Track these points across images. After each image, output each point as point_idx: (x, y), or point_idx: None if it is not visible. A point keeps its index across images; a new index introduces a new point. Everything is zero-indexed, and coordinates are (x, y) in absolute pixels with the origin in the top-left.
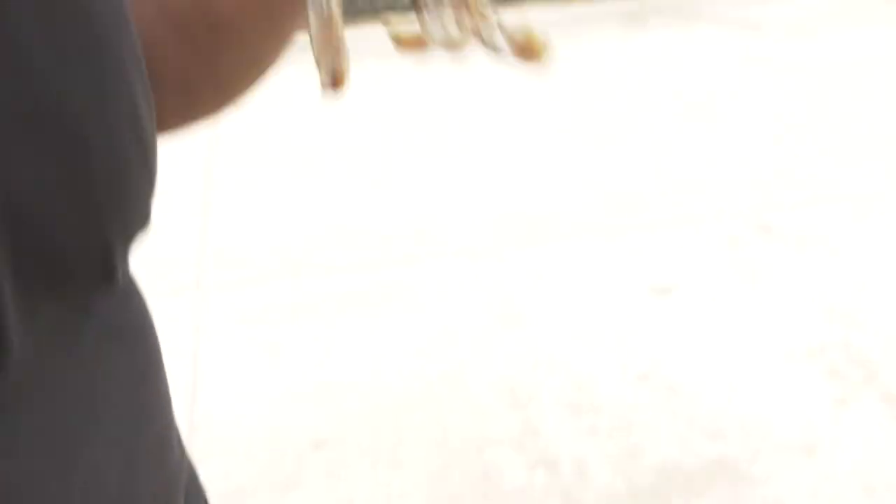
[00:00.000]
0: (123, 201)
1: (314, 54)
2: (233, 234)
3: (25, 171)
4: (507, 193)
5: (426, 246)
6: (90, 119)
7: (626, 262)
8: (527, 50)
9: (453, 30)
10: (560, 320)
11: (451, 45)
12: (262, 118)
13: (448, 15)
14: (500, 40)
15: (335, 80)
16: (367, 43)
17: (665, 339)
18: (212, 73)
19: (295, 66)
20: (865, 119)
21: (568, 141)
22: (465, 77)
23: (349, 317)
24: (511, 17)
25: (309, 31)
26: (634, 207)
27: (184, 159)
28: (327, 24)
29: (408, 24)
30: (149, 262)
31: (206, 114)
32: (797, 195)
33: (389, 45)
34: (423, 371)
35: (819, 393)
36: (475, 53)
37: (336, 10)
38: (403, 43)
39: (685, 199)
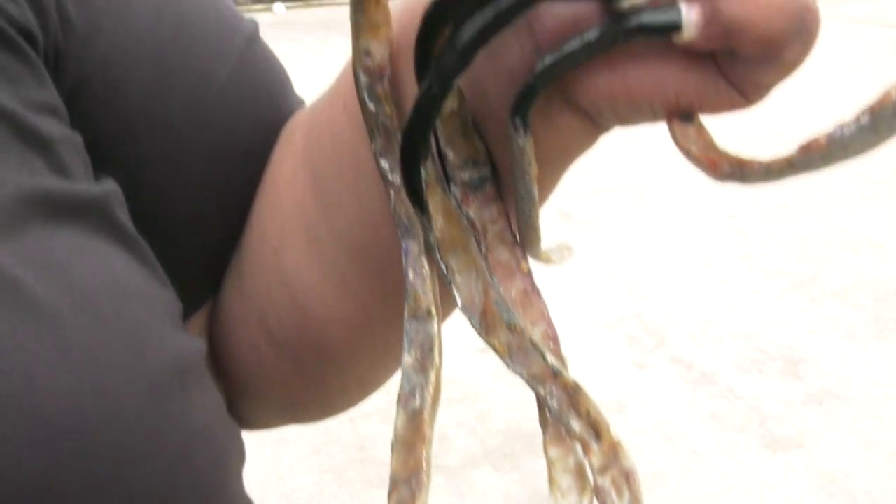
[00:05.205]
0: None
1: (391, 454)
2: None
3: None
4: None
5: None
6: None
7: None
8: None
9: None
10: None
11: None
12: None
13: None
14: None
15: None
16: None
17: None
18: (317, 395)
19: None
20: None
21: None
22: None
23: None
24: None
25: (394, 430)
26: None
27: None
28: (415, 422)
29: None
30: None
31: (310, 421)
32: (588, 186)
33: None
34: None
35: (621, 358)
36: None
37: (429, 410)
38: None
39: None
